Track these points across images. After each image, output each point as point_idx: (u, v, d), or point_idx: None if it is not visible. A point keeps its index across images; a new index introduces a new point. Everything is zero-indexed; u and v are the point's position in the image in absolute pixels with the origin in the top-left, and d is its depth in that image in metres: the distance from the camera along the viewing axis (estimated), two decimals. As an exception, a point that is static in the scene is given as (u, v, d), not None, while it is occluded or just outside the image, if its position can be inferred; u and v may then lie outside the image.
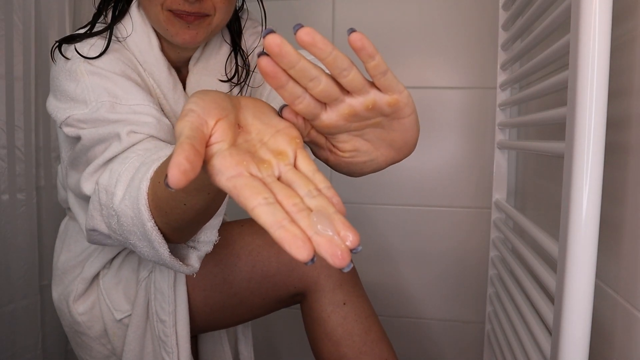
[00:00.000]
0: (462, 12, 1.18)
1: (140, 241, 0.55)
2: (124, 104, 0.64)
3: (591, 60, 0.47)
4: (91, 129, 0.63)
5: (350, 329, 0.74)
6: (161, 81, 0.73)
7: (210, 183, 0.37)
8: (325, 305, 0.75)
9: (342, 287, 0.76)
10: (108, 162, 0.61)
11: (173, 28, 0.68)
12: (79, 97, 0.64)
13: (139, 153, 0.58)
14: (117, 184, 0.55)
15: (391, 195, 1.25)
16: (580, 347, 0.50)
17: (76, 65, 0.66)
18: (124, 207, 0.54)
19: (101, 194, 0.58)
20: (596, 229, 0.49)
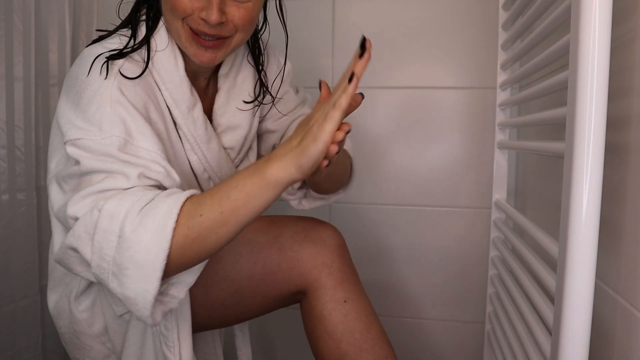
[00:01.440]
0: (462, 12, 1.18)
1: (125, 274, 0.58)
2: (135, 145, 0.64)
3: (591, 60, 0.47)
4: (94, 160, 0.62)
5: (352, 327, 0.74)
6: (180, 101, 0.73)
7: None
8: (327, 303, 0.75)
9: (343, 284, 0.76)
10: (106, 191, 0.61)
11: (192, 48, 0.69)
12: (96, 122, 0.63)
13: (157, 192, 0.61)
14: (132, 212, 0.58)
15: (391, 195, 1.25)
16: (580, 347, 0.50)
17: (105, 89, 0.65)
18: (140, 233, 0.57)
19: (103, 219, 0.59)
20: (596, 229, 0.49)
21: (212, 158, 0.78)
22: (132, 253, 0.58)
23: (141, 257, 0.58)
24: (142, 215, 0.58)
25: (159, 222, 0.58)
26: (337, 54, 1.24)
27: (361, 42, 0.57)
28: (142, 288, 0.58)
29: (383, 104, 1.24)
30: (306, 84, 1.27)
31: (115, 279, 0.59)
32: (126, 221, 0.58)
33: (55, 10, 1.14)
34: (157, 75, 0.72)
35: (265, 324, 1.32)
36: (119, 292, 0.60)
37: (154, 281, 0.58)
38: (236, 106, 0.82)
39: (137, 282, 0.58)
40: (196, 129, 0.75)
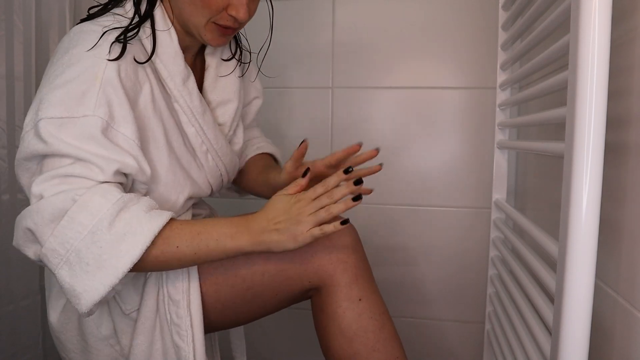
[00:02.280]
0: (462, 12, 1.18)
1: (83, 268, 0.60)
2: (115, 129, 0.65)
3: (591, 60, 0.47)
4: (65, 144, 0.62)
5: (365, 326, 0.74)
6: (175, 73, 0.76)
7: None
8: (341, 301, 0.74)
9: (357, 282, 0.75)
10: (76, 177, 0.62)
11: (210, 35, 0.75)
12: (81, 99, 0.64)
13: (137, 198, 0.65)
14: (110, 214, 0.61)
15: (391, 195, 1.25)
16: (580, 347, 0.50)
17: (99, 67, 0.65)
18: (116, 239, 0.61)
19: (77, 209, 0.60)
20: (596, 229, 0.49)
21: (208, 130, 0.81)
22: (101, 253, 0.60)
23: (108, 260, 0.61)
24: (121, 222, 0.61)
25: (137, 238, 0.61)
26: (337, 54, 1.24)
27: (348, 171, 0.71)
28: (94, 287, 0.61)
29: (383, 104, 1.24)
30: (306, 84, 1.28)
31: (69, 268, 0.61)
32: (104, 221, 0.60)
33: (55, 10, 1.14)
34: (155, 49, 0.74)
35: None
36: (67, 281, 0.61)
37: (109, 284, 0.61)
38: (219, 75, 0.86)
39: (92, 280, 0.61)
40: (192, 100, 0.78)
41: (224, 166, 0.86)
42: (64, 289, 0.62)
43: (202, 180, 0.82)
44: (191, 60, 0.83)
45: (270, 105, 1.28)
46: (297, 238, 0.67)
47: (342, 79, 1.25)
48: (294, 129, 1.29)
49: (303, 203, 0.68)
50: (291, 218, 0.67)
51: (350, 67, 1.24)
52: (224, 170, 0.86)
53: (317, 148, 1.28)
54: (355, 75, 1.24)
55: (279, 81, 1.28)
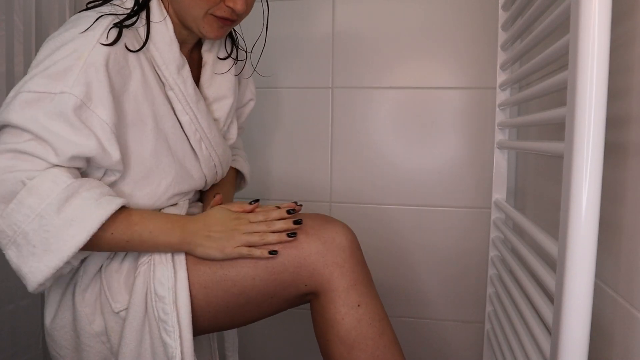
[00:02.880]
0: (462, 12, 1.18)
1: (30, 250, 0.63)
2: (91, 109, 0.67)
3: (591, 60, 0.47)
4: (38, 115, 0.64)
5: (365, 332, 0.73)
6: (170, 61, 0.77)
7: None
8: (339, 307, 0.73)
9: (356, 287, 0.74)
10: (27, 155, 0.64)
11: (209, 27, 0.76)
12: (62, 76, 0.65)
13: (87, 183, 0.67)
14: (59, 199, 0.63)
15: (391, 196, 1.25)
16: (579, 347, 0.50)
17: (86, 49, 0.67)
18: (64, 223, 0.63)
19: (26, 193, 0.63)
20: (596, 229, 0.49)
21: (202, 118, 0.82)
22: (48, 237, 0.63)
23: (54, 244, 0.63)
24: (70, 208, 0.64)
25: (84, 224, 0.64)
26: (337, 54, 1.24)
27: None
28: (39, 269, 0.64)
29: (383, 104, 1.24)
30: (306, 84, 1.28)
31: (16, 249, 0.64)
32: (52, 206, 0.63)
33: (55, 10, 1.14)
34: (151, 37, 0.75)
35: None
36: (14, 262, 0.64)
37: (53, 267, 0.64)
38: (215, 72, 0.88)
39: (38, 262, 0.63)
40: (186, 88, 0.79)
41: (217, 157, 0.87)
42: (12, 268, 0.65)
43: (196, 170, 0.83)
44: (187, 54, 0.85)
45: (270, 105, 1.28)
46: (225, 250, 0.72)
47: (342, 79, 1.25)
48: (293, 129, 1.29)
49: (242, 222, 0.74)
50: (226, 230, 0.73)
51: (350, 67, 1.24)
52: (218, 161, 0.87)
53: (317, 148, 1.28)
54: (355, 75, 1.24)
55: (278, 81, 1.28)
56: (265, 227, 0.74)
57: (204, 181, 0.87)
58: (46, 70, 0.66)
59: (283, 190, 1.31)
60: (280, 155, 1.30)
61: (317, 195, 1.29)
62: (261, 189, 1.31)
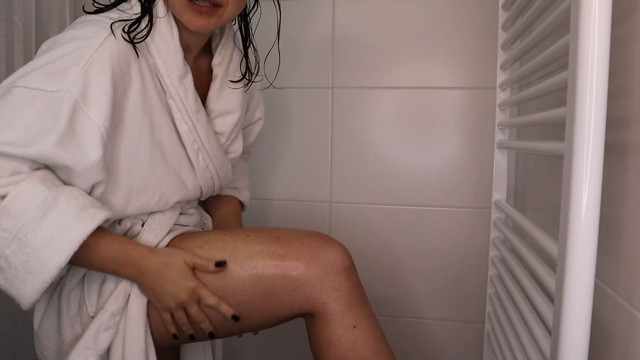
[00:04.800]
0: (462, 13, 1.18)
1: (14, 274, 0.63)
2: (84, 112, 0.65)
3: (591, 60, 0.47)
4: (27, 116, 0.63)
5: (361, 353, 0.73)
6: (172, 70, 0.76)
7: None
8: (335, 329, 0.73)
9: (351, 309, 0.74)
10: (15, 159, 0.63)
11: (187, 15, 0.72)
12: (60, 75, 0.64)
13: (61, 192, 0.65)
14: (34, 218, 0.62)
15: (391, 195, 1.25)
16: (580, 347, 0.50)
17: (89, 49, 0.66)
18: (42, 245, 0.61)
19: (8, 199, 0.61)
20: (596, 229, 0.49)
21: (201, 129, 0.81)
22: (28, 259, 0.62)
23: (35, 266, 0.62)
24: (47, 224, 0.62)
25: (63, 244, 0.62)
26: (337, 54, 1.24)
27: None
28: (26, 291, 0.63)
29: (383, 104, 1.24)
30: (306, 84, 1.28)
31: (1, 273, 0.63)
32: (27, 227, 0.61)
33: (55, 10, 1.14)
34: (152, 43, 0.74)
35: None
36: (2, 284, 0.64)
37: (39, 288, 0.63)
38: (228, 86, 0.87)
39: (23, 284, 0.63)
40: (187, 97, 0.78)
41: (214, 169, 0.85)
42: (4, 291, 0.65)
43: (191, 180, 0.82)
44: (192, 63, 0.83)
45: (270, 105, 1.28)
46: (158, 303, 0.74)
47: (342, 79, 1.25)
48: (294, 129, 1.29)
49: (192, 298, 0.73)
50: (170, 295, 0.72)
51: (350, 67, 1.24)
52: (215, 173, 0.86)
53: (317, 148, 1.28)
54: (355, 75, 1.24)
55: (278, 81, 1.28)
56: (198, 318, 0.74)
57: (199, 192, 0.86)
58: (45, 67, 0.64)
59: (283, 190, 1.31)
60: (280, 155, 1.30)
61: (317, 195, 1.29)
62: (261, 189, 1.31)
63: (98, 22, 0.70)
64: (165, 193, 0.79)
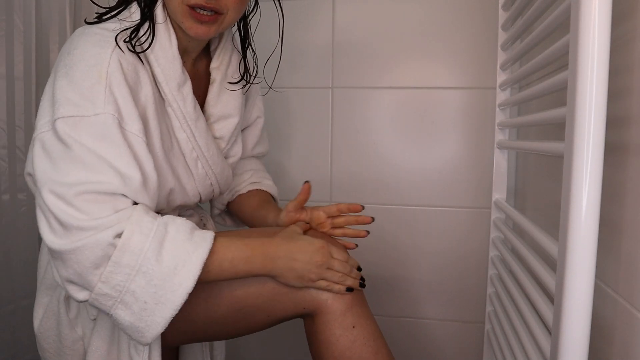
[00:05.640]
0: (462, 13, 1.18)
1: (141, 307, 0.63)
2: (124, 127, 0.65)
3: (591, 60, 0.47)
4: (86, 140, 0.62)
5: (359, 352, 0.74)
6: (171, 77, 0.76)
7: None
8: (335, 329, 0.74)
9: (351, 309, 0.75)
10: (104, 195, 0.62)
11: (188, 22, 0.72)
12: (89, 97, 0.64)
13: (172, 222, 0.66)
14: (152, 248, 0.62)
15: (391, 195, 1.25)
16: (580, 347, 0.50)
17: (102, 66, 0.65)
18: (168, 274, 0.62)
19: (119, 253, 0.61)
20: (596, 229, 0.49)
21: (199, 136, 0.80)
22: (156, 290, 0.62)
23: (164, 295, 0.62)
24: (168, 255, 0.63)
25: (188, 268, 0.63)
26: (337, 54, 1.24)
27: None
28: (155, 322, 0.63)
29: (383, 104, 1.24)
30: (306, 84, 1.28)
31: (125, 307, 0.63)
32: (150, 259, 0.62)
33: (55, 10, 1.14)
34: (150, 51, 0.73)
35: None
36: (127, 320, 0.63)
37: (169, 316, 0.63)
38: (225, 87, 0.86)
39: (152, 316, 0.63)
40: (185, 105, 0.78)
41: (214, 176, 0.85)
42: (123, 326, 0.64)
43: (190, 187, 0.82)
44: (190, 67, 0.83)
45: (270, 105, 1.28)
46: (305, 282, 0.73)
47: (342, 79, 1.25)
48: (294, 129, 1.29)
49: (325, 257, 0.73)
50: (310, 263, 0.72)
51: (350, 67, 1.24)
52: (215, 180, 0.86)
53: (317, 148, 1.28)
54: (355, 75, 1.24)
55: (278, 81, 1.28)
56: (345, 269, 0.75)
57: (198, 198, 0.85)
58: (68, 89, 0.64)
59: (283, 190, 1.31)
60: (280, 155, 1.30)
61: (317, 195, 1.29)
62: (261, 189, 1.31)
63: (100, 36, 0.69)
64: (168, 196, 0.78)
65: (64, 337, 0.76)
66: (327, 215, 0.84)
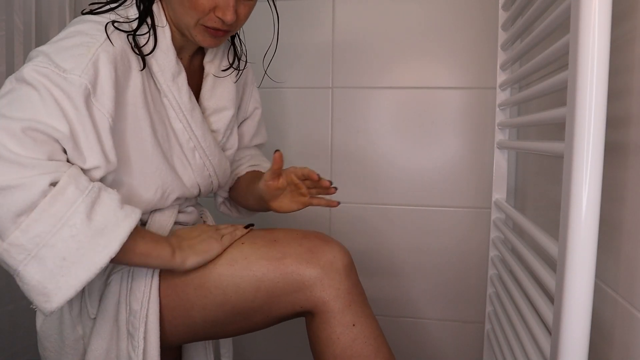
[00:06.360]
0: (462, 13, 1.18)
1: (59, 264, 0.59)
2: (92, 101, 0.65)
3: (591, 60, 0.47)
4: (53, 88, 0.62)
5: (360, 351, 0.73)
6: (166, 68, 0.77)
7: None
8: (335, 327, 0.74)
9: (351, 307, 0.75)
10: (54, 142, 0.61)
11: (200, 36, 0.75)
12: (70, 61, 0.64)
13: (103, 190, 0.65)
14: (83, 209, 0.60)
15: (391, 195, 1.25)
16: (580, 347, 0.50)
17: (94, 43, 0.66)
18: (96, 221, 0.61)
19: (52, 200, 0.58)
20: (596, 229, 0.49)
21: (196, 127, 0.81)
22: (78, 247, 0.59)
23: (85, 254, 0.59)
24: (98, 215, 0.61)
25: (117, 232, 0.62)
26: (337, 54, 1.24)
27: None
28: (68, 283, 0.59)
29: (383, 104, 1.24)
30: (306, 84, 1.28)
31: (38, 264, 0.58)
32: (80, 212, 0.60)
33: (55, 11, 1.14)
34: (145, 48, 0.74)
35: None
36: (36, 278, 0.58)
37: (84, 279, 0.60)
38: (216, 75, 0.87)
39: (67, 276, 0.59)
40: (181, 96, 0.79)
41: (212, 166, 0.86)
42: (29, 286, 0.59)
43: (188, 178, 0.83)
44: (187, 62, 0.84)
45: (270, 105, 1.28)
46: (212, 244, 0.75)
47: (342, 79, 1.25)
48: (294, 129, 1.29)
49: (211, 229, 0.79)
50: (203, 233, 0.77)
51: (350, 67, 1.24)
52: (213, 171, 0.86)
53: (317, 148, 1.28)
54: (355, 75, 1.24)
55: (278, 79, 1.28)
56: (232, 229, 0.80)
57: (197, 190, 0.86)
58: (54, 51, 0.64)
59: (283, 190, 1.31)
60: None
61: (317, 195, 1.29)
62: (261, 189, 1.31)
63: (98, 23, 0.70)
64: (167, 190, 0.79)
65: (65, 336, 0.77)
66: (297, 176, 0.82)
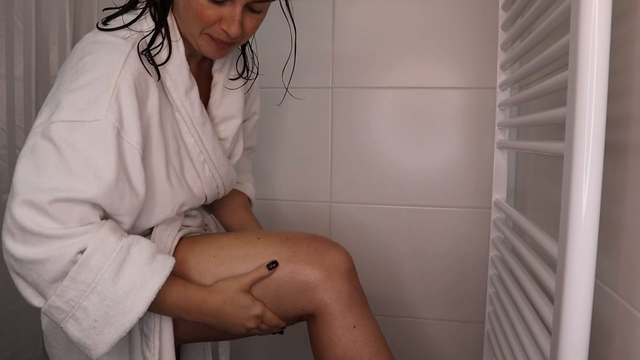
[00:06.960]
0: (462, 12, 1.18)
1: (92, 325, 0.63)
2: (123, 138, 0.65)
3: (591, 60, 0.47)
4: (80, 143, 0.62)
5: (360, 352, 0.74)
6: (179, 83, 0.76)
7: None
8: (336, 329, 0.75)
9: (352, 309, 0.75)
10: (83, 204, 0.63)
11: (206, 46, 0.75)
12: (94, 104, 0.64)
13: (133, 243, 0.67)
14: (111, 270, 0.63)
15: (391, 195, 1.25)
16: (580, 347, 0.50)
17: (113, 73, 0.66)
18: (122, 284, 0.63)
19: (79, 269, 0.61)
20: (596, 229, 0.49)
21: (207, 140, 0.81)
22: (107, 310, 0.63)
23: (114, 317, 0.63)
24: (125, 278, 0.63)
25: (142, 294, 0.64)
26: (337, 54, 1.24)
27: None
28: (102, 341, 0.64)
29: (383, 104, 1.24)
30: (306, 84, 1.28)
31: (75, 322, 0.63)
32: (107, 279, 0.62)
33: (55, 11, 1.14)
34: (158, 58, 0.74)
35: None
36: (76, 335, 0.64)
37: (117, 338, 0.64)
38: (226, 86, 0.87)
39: (100, 335, 0.64)
40: (193, 110, 0.79)
41: (220, 178, 0.86)
42: (73, 340, 0.65)
43: (197, 190, 0.83)
44: (195, 69, 0.83)
45: (270, 105, 1.28)
46: (236, 332, 0.76)
47: (342, 79, 1.25)
48: (293, 129, 1.29)
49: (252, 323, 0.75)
50: (237, 326, 0.75)
51: (350, 67, 1.24)
52: (220, 182, 0.87)
53: (317, 148, 1.28)
54: (355, 75, 1.24)
55: (278, 81, 1.28)
56: (269, 330, 0.78)
57: (204, 199, 0.86)
58: (73, 95, 0.64)
59: (283, 190, 1.31)
60: (280, 155, 1.30)
61: (317, 195, 1.29)
62: (261, 190, 1.31)
63: (113, 45, 0.69)
64: (181, 205, 0.79)
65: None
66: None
